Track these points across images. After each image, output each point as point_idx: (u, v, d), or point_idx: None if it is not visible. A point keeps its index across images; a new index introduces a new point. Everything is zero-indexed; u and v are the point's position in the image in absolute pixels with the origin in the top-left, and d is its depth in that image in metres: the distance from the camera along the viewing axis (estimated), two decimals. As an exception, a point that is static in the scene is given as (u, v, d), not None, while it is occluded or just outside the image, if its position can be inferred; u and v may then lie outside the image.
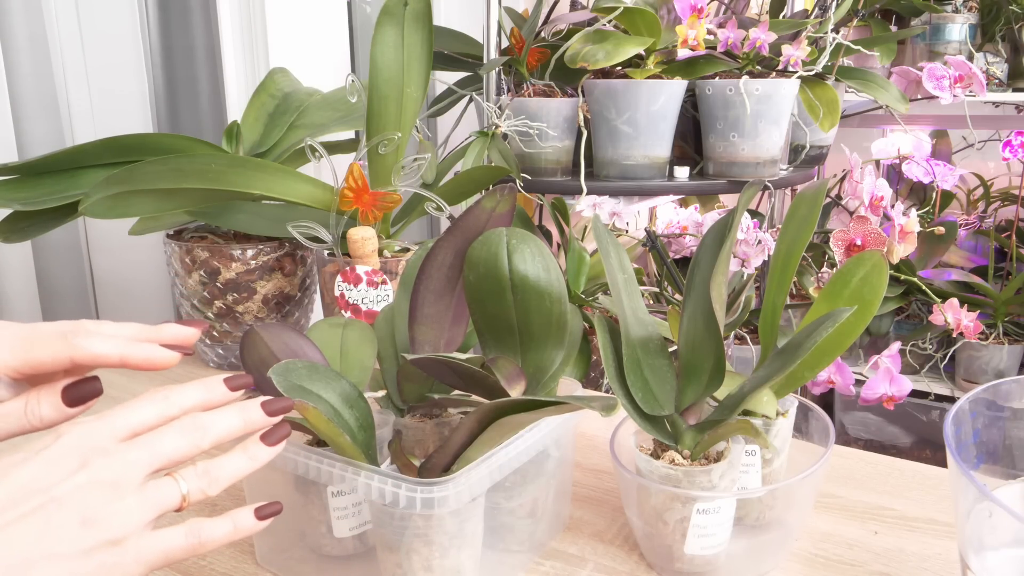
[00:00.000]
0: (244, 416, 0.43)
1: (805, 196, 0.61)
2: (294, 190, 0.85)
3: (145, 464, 0.39)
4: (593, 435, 0.79)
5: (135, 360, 0.44)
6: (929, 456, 1.60)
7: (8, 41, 1.05)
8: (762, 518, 0.60)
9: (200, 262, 0.92)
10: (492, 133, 1.07)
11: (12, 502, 0.36)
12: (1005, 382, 0.49)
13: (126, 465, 0.38)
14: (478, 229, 0.55)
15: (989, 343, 1.47)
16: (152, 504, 0.39)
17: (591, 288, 1.05)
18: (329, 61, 1.34)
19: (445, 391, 0.60)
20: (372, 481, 0.48)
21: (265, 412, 0.43)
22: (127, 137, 0.90)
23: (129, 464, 0.39)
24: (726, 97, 1.08)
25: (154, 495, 0.39)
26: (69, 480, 0.37)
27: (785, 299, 0.60)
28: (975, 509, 0.41)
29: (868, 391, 1.15)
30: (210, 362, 0.99)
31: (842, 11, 1.21)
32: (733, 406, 0.54)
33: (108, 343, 0.44)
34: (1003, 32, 1.71)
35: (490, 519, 0.53)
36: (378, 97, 0.86)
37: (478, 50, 1.24)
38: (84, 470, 0.37)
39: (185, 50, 1.25)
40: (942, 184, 1.44)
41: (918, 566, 0.58)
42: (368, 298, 0.81)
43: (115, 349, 0.44)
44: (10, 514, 0.36)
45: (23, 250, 1.08)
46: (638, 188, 1.12)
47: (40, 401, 0.43)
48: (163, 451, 0.40)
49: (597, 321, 0.57)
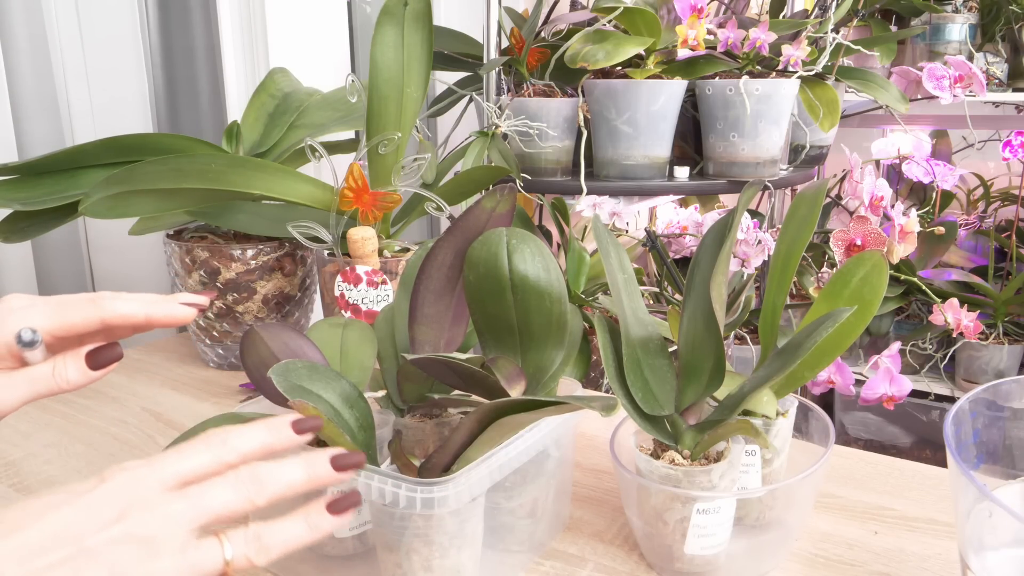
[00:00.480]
0: (309, 471, 0.40)
1: (805, 196, 0.61)
2: (294, 190, 0.85)
3: (189, 520, 0.37)
4: (593, 435, 0.79)
5: (158, 316, 0.47)
6: (929, 456, 1.60)
7: (8, 41, 1.05)
8: (762, 518, 0.60)
9: (200, 262, 0.92)
10: (492, 133, 1.07)
11: (42, 549, 0.34)
12: (1005, 382, 0.49)
13: (167, 520, 0.36)
14: (478, 229, 0.55)
15: (989, 343, 1.47)
16: (189, 568, 0.36)
17: (591, 288, 1.05)
18: (329, 61, 1.34)
19: (445, 391, 0.60)
20: (372, 481, 0.48)
21: (334, 467, 0.40)
22: (127, 137, 0.90)
23: (170, 519, 0.36)
24: (726, 97, 1.08)
25: (193, 558, 0.36)
26: (104, 532, 0.35)
27: (785, 299, 0.60)
28: (975, 509, 0.41)
29: (868, 391, 1.15)
30: (210, 362, 0.99)
31: (842, 11, 1.21)
32: (733, 406, 0.54)
33: (133, 303, 0.47)
34: (1003, 32, 1.71)
35: (490, 519, 0.53)
36: (378, 97, 0.86)
37: (478, 50, 1.24)
38: (121, 523, 0.35)
39: (185, 50, 1.25)
40: (942, 184, 1.44)
41: (918, 566, 0.58)
42: (368, 298, 0.81)
43: (140, 308, 0.47)
44: (39, 561, 0.34)
45: (23, 250, 1.08)
46: (638, 188, 1.12)
47: (67, 365, 0.45)
48: (211, 506, 0.37)
49: (597, 321, 0.57)
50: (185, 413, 0.86)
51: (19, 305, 0.45)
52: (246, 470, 0.39)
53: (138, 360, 1.03)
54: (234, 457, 0.39)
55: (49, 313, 0.45)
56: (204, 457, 0.39)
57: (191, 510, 0.37)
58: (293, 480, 0.39)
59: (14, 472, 0.73)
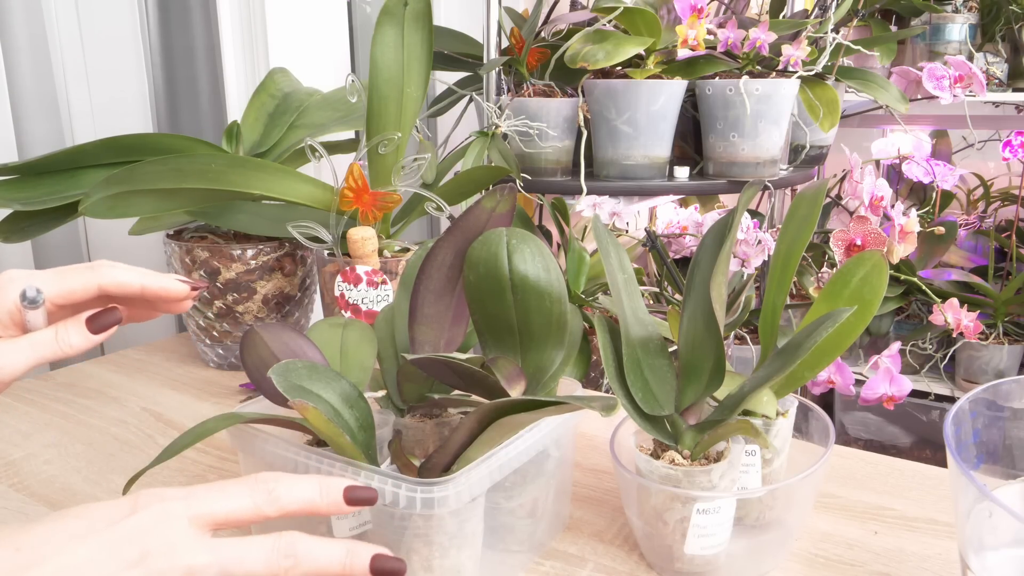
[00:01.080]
0: (346, 561, 0.39)
1: (805, 196, 0.61)
2: (294, 190, 0.85)
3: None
4: (593, 435, 0.79)
5: (153, 288, 0.48)
6: (929, 456, 1.60)
7: (8, 41, 1.05)
8: (762, 518, 0.60)
9: (200, 262, 0.92)
10: (492, 133, 1.07)
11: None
12: (1005, 382, 0.49)
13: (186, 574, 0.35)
14: (478, 229, 0.55)
15: (989, 343, 1.47)
16: None
17: (591, 288, 1.05)
18: (329, 61, 1.34)
19: (445, 391, 0.60)
20: (372, 481, 0.48)
21: (372, 570, 0.39)
22: (127, 137, 0.90)
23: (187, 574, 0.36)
24: (726, 97, 1.08)
25: None
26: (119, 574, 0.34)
27: (785, 299, 0.60)
28: (975, 509, 0.41)
29: (868, 391, 1.15)
30: (210, 362, 0.99)
31: (842, 11, 1.21)
32: (733, 406, 0.54)
33: (130, 273, 0.48)
34: (1003, 32, 1.72)
35: (490, 519, 0.53)
36: (378, 97, 0.86)
37: (478, 50, 1.24)
38: (138, 567, 0.35)
39: (185, 50, 1.25)
40: (942, 184, 1.44)
41: (918, 566, 0.58)
42: (368, 298, 0.81)
43: (136, 278, 0.48)
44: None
45: (23, 250, 1.08)
46: (638, 188, 1.12)
47: (69, 330, 0.46)
48: (235, 573, 0.37)
49: (597, 321, 0.57)
50: (185, 413, 0.86)
51: (18, 275, 0.46)
52: (284, 543, 0.38)
53: (138, 360, 1.03)
54: (273, 511, 0.39)
55: (49, 280, 0.46)
56: (244, 503, 0.38)
57: (213, 567, 0.36)
58: (328, 566, 0.38)
59: (14, 472, 0.73)
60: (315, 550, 0.38)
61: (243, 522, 0.38)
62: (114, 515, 0.36)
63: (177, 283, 0.49)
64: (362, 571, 0.39)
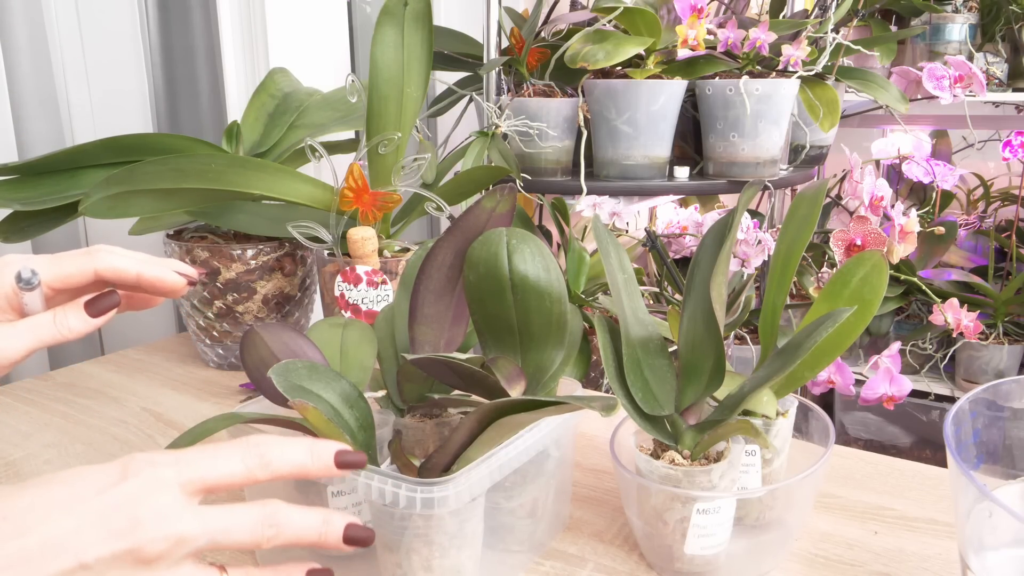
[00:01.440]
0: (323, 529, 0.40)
1: (805, 196, 0.61)
2: (294, 190, 0.85)
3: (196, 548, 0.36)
4: (593, 435, 0.79)
5: (149, 276, 0.48)
6: (929, 456, 1.60)
7: (8, 41, 1.05)
8: (762, 518, 0.60)
9: (200, 262, 0.92)
10: (492, 133, 1.07)
11: (41, 555, 0.33)
12: (1005, 382, 0.49)
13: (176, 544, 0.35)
14: (478, 229, 0.55)
15: (989, 343, 1.47)
16: None
17: (591, 288, 1.05)
18: (329, 61, 1.34)
19: (445, 391, 0.60)
20: (372, 481, 0.48)
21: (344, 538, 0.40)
22: (127, 137, 0.90)
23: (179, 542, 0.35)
24: (726, 97, 1.08)
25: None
26: (106, 544, 0.34)
27: (785, 299, 0.60)
28: (975, 509, 0.41)
29: (868, 391, 1.15)
30: (210, 362, 0.99)
31: (842, 11, 1.21)
32: (733, 406, 0.54)
33: (126, 259, 0.48)
34: (1003, 32, 1.71)
35: (490, 519, 0.53)
36: (378, 97, 0.86)
37: (478, 50, 1.24)
38: (128, 537, 0.34)
39: (185, 50, 1.25)
40: (942, 184, 1.44)
41: (918, 566, 0.58)
42: (368, 298, 0.81)
43: (133, 265, 0.48)
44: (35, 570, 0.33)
45: (23, 250, 1.08)
46: (638, 188, 1.12)
47: (67, 314, 0.46)
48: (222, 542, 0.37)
49: (597, 321, 0.57)
50: (185, 413, 0.86)
51: (14, 259, 0.47)
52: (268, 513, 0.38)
53: (138, 360, 1.03)
54: (265, 475, 0.39)
55: (46, 265, 0.46)
56: (236, 467, 0.38)
57: (202, 536, 0.36)
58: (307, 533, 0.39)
59: (14, 472, 0.73)
60: (295, 519, 0.39)
61: (234, 487, 0.38)
62: (103, 482, 0.36)
63: (174, 275, 0.49)
64: (336, 538, 0.40)
